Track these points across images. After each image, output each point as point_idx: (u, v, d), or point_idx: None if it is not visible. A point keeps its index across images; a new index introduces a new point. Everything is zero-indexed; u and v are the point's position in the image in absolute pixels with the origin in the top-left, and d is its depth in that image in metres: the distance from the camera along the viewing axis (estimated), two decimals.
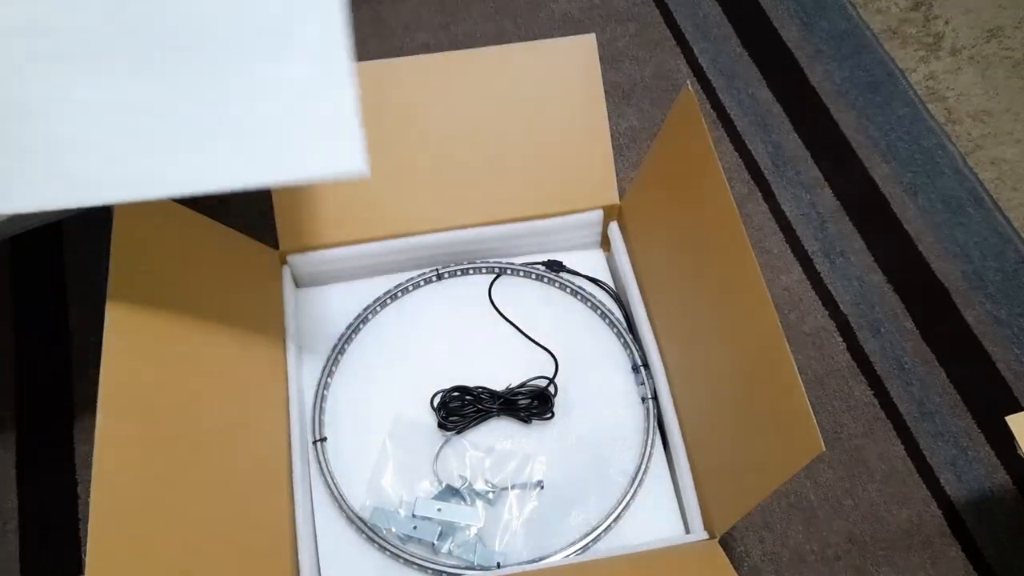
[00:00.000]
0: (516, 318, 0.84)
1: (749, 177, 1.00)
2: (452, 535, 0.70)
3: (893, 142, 1.03)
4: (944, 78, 1.10)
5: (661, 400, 0.76)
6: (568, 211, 0.84)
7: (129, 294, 0.64)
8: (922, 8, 1.17)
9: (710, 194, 0.67)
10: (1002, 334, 0.88)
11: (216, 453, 0.66)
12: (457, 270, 0.85)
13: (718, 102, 1.06)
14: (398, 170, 0.82)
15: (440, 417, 0.76)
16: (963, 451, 0.81)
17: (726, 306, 0.67)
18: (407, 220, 0.83)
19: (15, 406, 0.82)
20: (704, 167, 0.67)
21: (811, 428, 0.52)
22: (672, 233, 0.77)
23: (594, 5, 1.14)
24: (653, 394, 0.77)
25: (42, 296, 0.88)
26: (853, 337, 0.88)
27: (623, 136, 1.02)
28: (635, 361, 0.80)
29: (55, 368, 0.84)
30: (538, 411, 0.77)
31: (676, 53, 1.10)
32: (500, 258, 0.87)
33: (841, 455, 0.81)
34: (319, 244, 0.81)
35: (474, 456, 0.75)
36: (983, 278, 0.92)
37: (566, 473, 0.74)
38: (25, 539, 0.75)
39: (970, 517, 0.78)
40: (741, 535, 0.76)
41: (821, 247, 0.94)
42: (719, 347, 0.68)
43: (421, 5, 1.14)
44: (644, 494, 0.74)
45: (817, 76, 1.09)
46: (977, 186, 0.99)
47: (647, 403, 0.77)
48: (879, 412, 0.83)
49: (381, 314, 0.84)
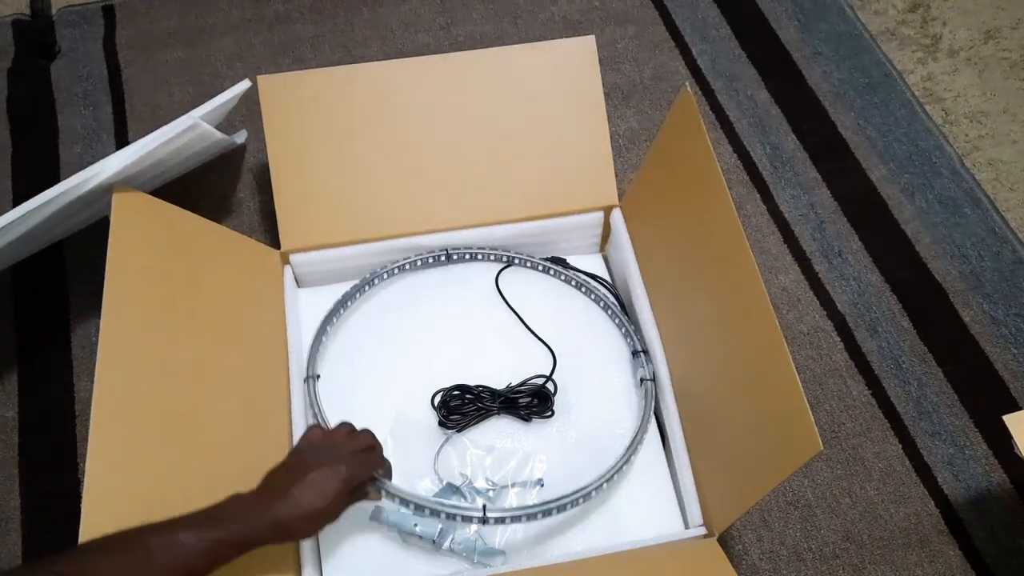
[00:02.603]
0: (518, 310, 0.84)
1: (747, 178, 1.00)
2: (452, 533, 0.70)
3: (891, 143, 1.03)
4: (942, 79, 1.11)
5: (663, 398, 0.77)
6: (568, 212, 0.84)
7: (125, 296, 0.65)
8: (920, 10, 1.18)
9: (709, 195, 0.67)
10: (999, 334, 0.89)
11: (217, 453, 0.66)
12: (466, 253, 0.85)
13: (717, 103, 1.06)
14: (398, 171, 0.83)
15: (441, 416, 0.77)
16: (960, 450, 0.82)
17: (725, 306, 0.68)
18: (407, 220, 0.83)
19: (17, 405, 0.82)
20: (703, 168, 0.68)
21: (809, 427, 0.52)
22: (671, 234, 0.77)
23: (594, 7, 1.15)
24: (652, 376, 0.77)
25: (42, 296, 0.89)
26: (851, 337, 0.88)
27: (623, 137, 1.03)
28: (635, 347, 0.80)
29: (55, 368, 0.84)
30: (538, 410, 0.78)
31: (675, 55, 1.11)
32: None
33: (839, 454, 0.81)
34: (320, 244, 0.82)
35: (475, 454, 0.75)
36: (980, 278, 0.92)
37: (566, 471, 0.74)
38: (27, 539, 0.75)
39: (967, 515, 0.78)
40: (739, 533, 0.76)
41: (819, 247, 0.95)
42: (718, 347, 0.69)
43: (421, 6, 1.14)
44: (644, 493, 0.74)
45: (815, 77, 1.09)
46: (974, 187, 1.00)
47: (645, 384, 0.77)
48: (876, 411, 0.84)
49: (383, 303, 0.84)
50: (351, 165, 0.82)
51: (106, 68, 1.06)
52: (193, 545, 0.50)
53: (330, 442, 0.61)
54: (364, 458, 0.61)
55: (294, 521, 0.55)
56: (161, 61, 1.07)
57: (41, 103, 1.03)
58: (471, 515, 0.64)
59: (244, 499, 0.55)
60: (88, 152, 0.99)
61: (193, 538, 0.50)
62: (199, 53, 1.08)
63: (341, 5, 1.14)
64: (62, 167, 0.98)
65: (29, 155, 0.99)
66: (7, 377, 0.84)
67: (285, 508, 0.55)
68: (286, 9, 1.13)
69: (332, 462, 0.58)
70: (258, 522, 0.53)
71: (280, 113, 0.80)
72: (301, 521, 0.55)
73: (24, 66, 1.07)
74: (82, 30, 1.10)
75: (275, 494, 0.56)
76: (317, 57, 1.09)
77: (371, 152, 0.83)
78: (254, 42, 1.10)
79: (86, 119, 1.02)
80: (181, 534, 0.50)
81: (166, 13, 1.12)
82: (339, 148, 0.82)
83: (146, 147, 0.70)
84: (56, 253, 0.91)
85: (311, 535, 0.61)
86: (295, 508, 0.55)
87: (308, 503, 0.55)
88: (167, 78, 1.06)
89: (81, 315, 0.87)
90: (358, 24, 1.12)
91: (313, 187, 0.81)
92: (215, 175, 0.97)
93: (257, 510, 0.54)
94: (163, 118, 1.01)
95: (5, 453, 0.79)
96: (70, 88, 1.04)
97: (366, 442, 0.63)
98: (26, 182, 0.97)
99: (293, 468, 0.58)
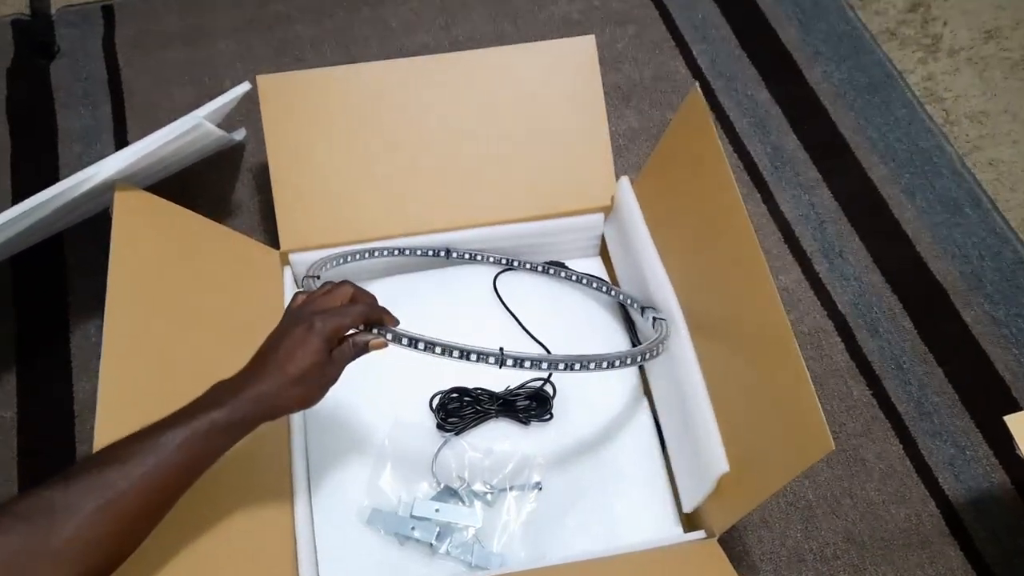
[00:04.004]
0: (517, 313, 0.84)
1: (748, 178, 1.00)
2: (450, 536, 0.70)
3: (891, 143, 1.03)
4: (942, 79, 1.10)
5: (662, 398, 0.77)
6: (568, 212, 0.84)
7: (128, 296, 0.65)
8: (920, 9, 1.18)
9: (718, 197, 0.67)
10: (1000, 334, 0.88)
11: None
12: (465, 253, 0.85)
13: (717, 103, 1.06)
14: (398, 171, 0.83)
15: (439, 418, 0.76)
16: (961, 450, 0.81)
17: (734, 304, 0.67)
18: (407, 221, 0.83)
19: (16, 405, 0.82)
20: (712, 167, 0.67)
21: (821, 426, 0.52)
22: (674, 234, 0.77)
23: (593, 7, 1.14)
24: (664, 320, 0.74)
25: (43, 296, 0.89)
26: (852, 337, 0.88)
27: (623, 137, 1.02)
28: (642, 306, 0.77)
29: (56, 368, 0.84)
30: (537, 412, 0.77)
31: (675, 55, 1.10)
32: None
33: (839, 454, 0.81)
34: (320, 244, 0.82)
35: (473, 457, 0.75)
36: (981, 278, 0.92)
37: (564, 475, 0.74)
38: None
39: (968, 516, 0.78)
40: (740, 534, 0.76)
41: (820, 247, 0.94)
42: (727, 345, 0.68)
43: (421, 6, 1.14)
44: (644, 493, 0.74)
45: (815, 77, 1.09)
46: (975, 187, 0.99)
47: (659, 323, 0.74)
48: (877, 412, 0.84)
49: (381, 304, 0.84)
50: (351, 165, 0.82)
51: (106, 68, 1.06)
52: (169, 443, 0.47)
53: (308, 301, 0.57)
54: (344, 308, 0.56)
55: (279, 390, 0.52)
56: (161, 61, 1.07)
57: (40, 103, 1.03)
58: (487, 353, 0.59)
59: (226, 382, 0.53)
60: (88, 152, 0.99)
61: (169, 436, 0.48)
62: (199, 53, 1.08)
63: (341, 5, 1.14)
64: (61, 167, 0.98)
65: (29, 155, 0.99)
66: (7, 377, 0.84)
67: (266, 379, 0.52)
68: (286, 9, 1.13)
69: (305, 318, 0.54)
70: (240, 401, 0.51)
71: (280, 113, 0.80)
72: (286, 389, 0.52)
73: (23, 66, 1.07)
74: (82, 30, 1.10)
75: (254, 367, 0.53)
76: (317, 57, 1.09)
77: (371, 152, 0.82)
78: (254, 42, 1.10)
79: (85, 119, 1.02)
80: (155, 435, 0.48)
81: (166, 13, 1.12)
82: (339, 148, 0.81)
83: (148, 147, 0.70)
84: (56, 251, 0.91)
85: (309, 403, 0.55)
86: (277, 377, 0.52)
87: (287, 368, 0.52)
88: (167, 78, 1.06)
89: (81, 314, 0.87)
90: (358, 24, 1.12)
91: (312, 187, 0.81)
92: (214, 175, 0.97)
93: (239, 388, 0.52)
94: (163, 118, 1.01)
95: (5, 453, 0.79)
96: (69, 88, 1.04)
97: (344, 292, 0.58)
98: (25, 181, 0.96)
99: (273, 337, 0.55)
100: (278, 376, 0.52)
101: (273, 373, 0.52)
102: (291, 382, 0.52)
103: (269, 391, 0.52)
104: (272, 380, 0.52)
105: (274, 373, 0.52)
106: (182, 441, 0.48)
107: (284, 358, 0.53)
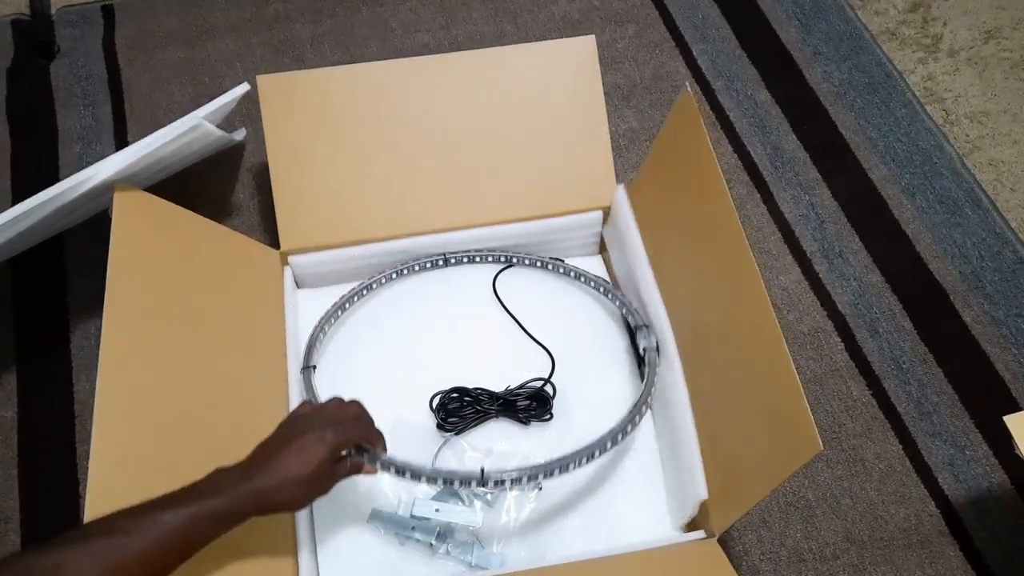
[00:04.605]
0: (517, 313, 0.84)
1: (748, 178, 1.00)
2: (450, 536, 0.70)
3: (891, 143, 1.03)
4: (942, 79, 1.10)
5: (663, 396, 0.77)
6: (568, 211, 0.84)
7: (127, 296, 0.65)
8: (920, 9, 1.18)
9: (709, 197, 0.67)
10: (1000, 334, 0.88)
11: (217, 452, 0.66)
12: (463, 256, 0.85)
13: (717, 103, 1.06)
14: (398, 171, 0.83)
15: (439, 418, 0.76)
16: (961, 450, 0.82)
17: (725, 308, 0.67)
18: (407, 221, 0.83)
19: (16, 405, 0.82)
20: (703, 169, 0.67)
21: (809, 427, 0.52)
22: (670, 234, 0.77)
23: (593, 7, 1.14)
24: (656, 347, 0.76)
25: (42, 297, 0.89)
26: (851, 337, 0.88)
27: (623, 137, 1.02)
28: (636, 322, 0.78)
29: (56, 368, 0.84)
30: (537, 412, 0.77)
31: (675, 55, 1.10)
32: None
33: (839, 454, 0.81)
34: (320, 245, 0.82)
35: (473, 457, 0.75)
36: (981, 278, 0.92)
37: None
38: (26, 539, 0.75)
39: (968, 516, 0.78)
40: (739, 534, 0.76)
41: (819, 248, 0.94)
42: (718, 348, 0.69)
43: (421, 6, 1.14)
44: (644, 493, 0.74)
45: (815, 77, 1.09)
46: (975, 187, 0.99)
47: (648, 354, 0.75)
48: (877, 412, 0.84)
49: (382, 305, 0.84)
50: (351, 165, 0.82)
51: (105, 68, 1.06)
52: (170, 523, 0.49)
53: (318, 411, 0.60)
54: (352, 424, 0.60)
55: (277, 489, 0.54)
56: (161, 61, 1.07)
57: (40, 103, 1.03)
58: (470, 479, 0.61)
59: (226, 471, 0.54)
60: (87, 152, 0.99)
61: (170, 516, 0.49)
62: (199, 53, 1.08)
63: (341, 5, 1.14)
64: (61, 167, 0.98)
65: (29, 155, 0.99)
66: (7, 377, 0.84)
67: (267, 476, 0.53)
68: (286, 9, 1.13)
69: (316, 427, 0.57)
70: (239, 493, 0.52)
71: (279, 113, 0.80)
72: (284, 488, 0.54)
73: (23, 66, 1.07)
74: (81, 30, 1.10)
75: (257, 463, 0.55)
76: (317, 57, 1.09)
77: (371, 152, 0.82)
78: (254, 42, 1.10)
79: (85, 119, 1.02)
80: (157, 513, 0.49)
81: (166, 13, 1.12)
82: (338, 148, 0.81)
83: (148, 147, 0.70)
84: (56, 252, 0.91)
85: (298, 506, 0.57)
86: (278, 475, 0.54)
87: (291, 469, 0.54)
88: (167, 78, 1.06)
89: (81, 314, 0.87)
90: (358, 24, 1.12)
91: (312, 187, 0.81)
92: (214, 175, 0.97)
93: (238, 480, 0.53)
94: (162, 118, 1.01)
95: (5, 453, 0.79)
96: (69, 88, 1.04)
97: (354, 411, 0.61)
98: (25, 182, 0.96)
99: (278, 437, 0.57)
100: (280, 474, 0.54)
101: (276, 470, 0.54)
102: (292, 482, 0.54)
103: (268, 488, 0.54)
104: (273, 478, 0.54)
105: (277, 470, 0.54)
106: (182, 523, 0.50)
107: (290, 458, 0.55)
